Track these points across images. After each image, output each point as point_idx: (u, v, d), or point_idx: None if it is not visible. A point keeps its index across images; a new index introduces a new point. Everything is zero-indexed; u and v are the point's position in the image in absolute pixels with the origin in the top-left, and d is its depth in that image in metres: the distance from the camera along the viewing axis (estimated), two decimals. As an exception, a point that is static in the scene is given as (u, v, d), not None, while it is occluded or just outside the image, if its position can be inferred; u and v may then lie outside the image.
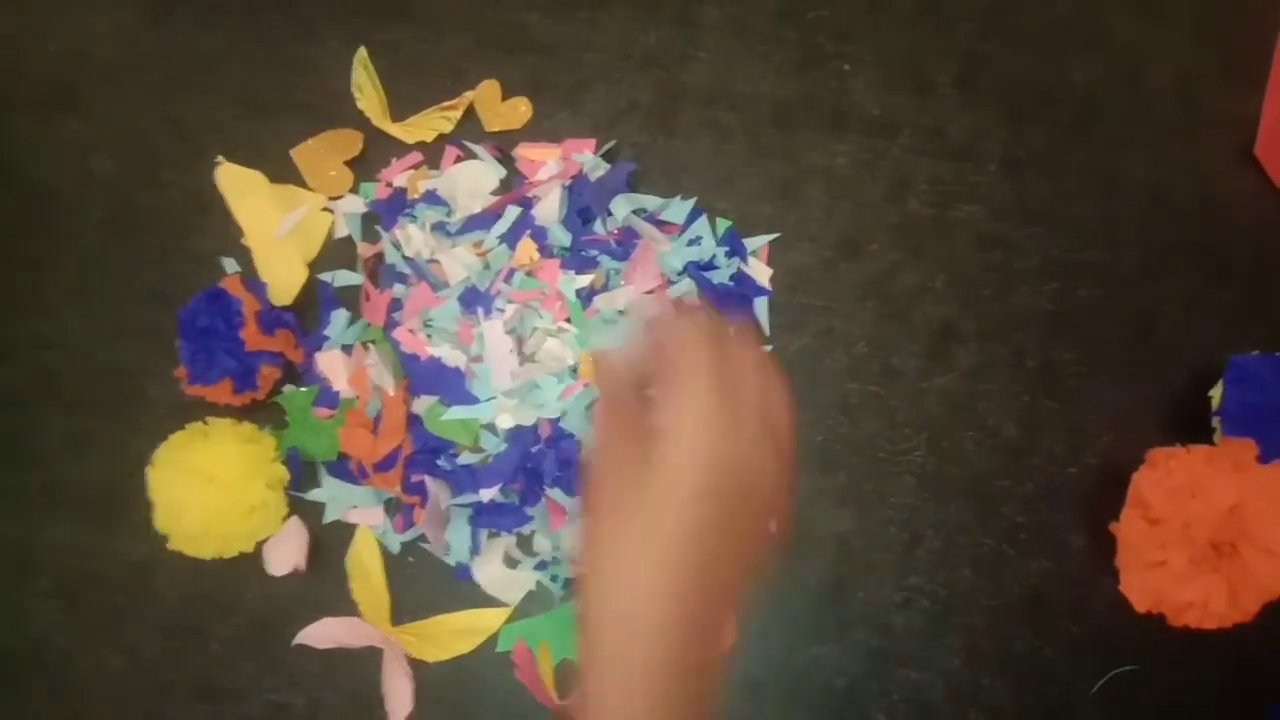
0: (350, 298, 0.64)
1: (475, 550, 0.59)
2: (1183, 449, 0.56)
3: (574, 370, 0.59)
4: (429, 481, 0.59)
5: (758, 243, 0.64)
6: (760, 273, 0.64)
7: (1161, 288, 0.63)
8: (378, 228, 0.64)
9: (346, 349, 0.62)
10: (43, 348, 0.65)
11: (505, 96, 0.66)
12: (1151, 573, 0.55)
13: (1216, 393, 0.59)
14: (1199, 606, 0.54)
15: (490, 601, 0.60)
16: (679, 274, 0.61)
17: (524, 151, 0.64)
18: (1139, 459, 0.56)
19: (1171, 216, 0.64)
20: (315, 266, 0.65)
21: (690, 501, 0.36)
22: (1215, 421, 0.59)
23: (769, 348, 0.63)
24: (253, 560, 0.60)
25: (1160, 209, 0.64)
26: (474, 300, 0.59)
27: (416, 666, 0.59)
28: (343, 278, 0.64)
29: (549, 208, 0.61)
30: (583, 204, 0.62)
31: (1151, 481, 0.55)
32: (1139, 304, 0.63)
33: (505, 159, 0.65)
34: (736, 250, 0.63)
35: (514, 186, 0.64)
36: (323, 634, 0.60)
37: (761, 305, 0.63)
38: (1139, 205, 0.65)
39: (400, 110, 0.67)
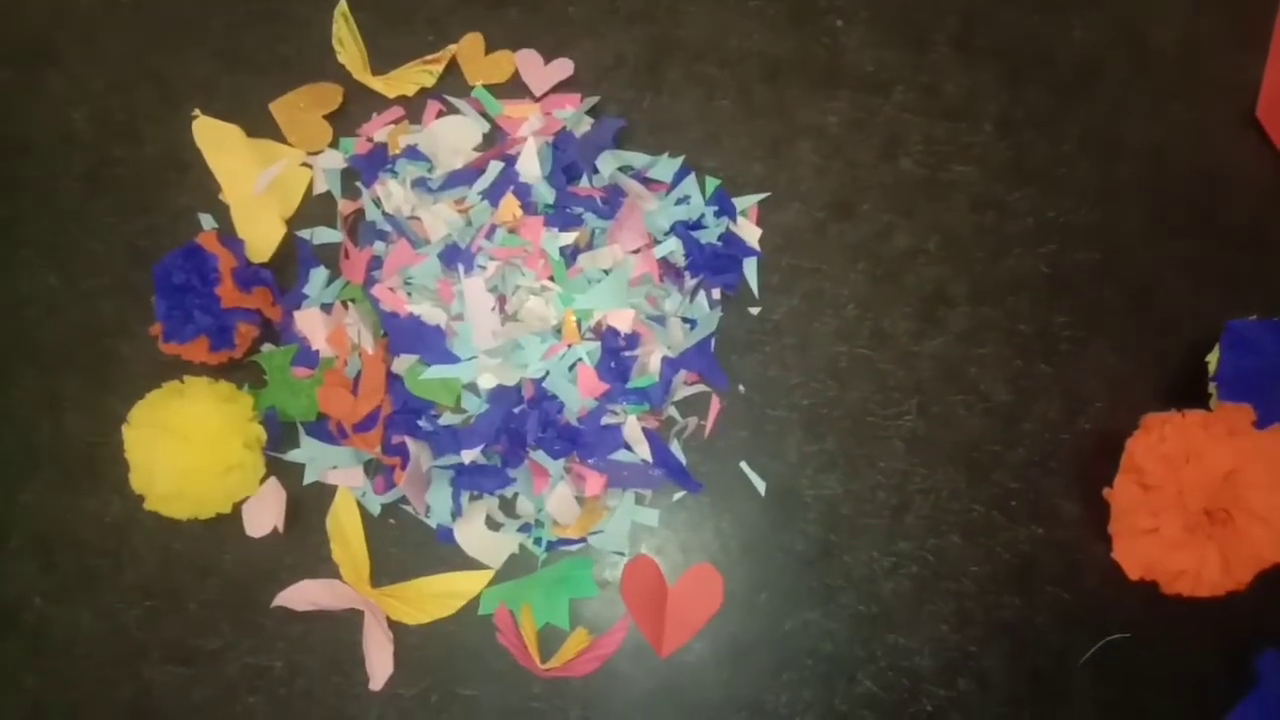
0: (329, 255, 0.63)
1: (457, 512, 0.58)
2: (1178, 414, 0.54)
3: (557, 330, 0.57)
4: (410, 442, 0.57)
5: (747, 202, 0.63)
6: (749, 233, 0.62)
7: (1160, 252, 0.62)
8: (358, 184, 0.63)
9: (325, 307, 0.61)
10: (18, 303, 0.64)
11: (489, 51, 0.65)
12: (1144, 540, 0.54)
13: (1213, 358, 0.58)
14: (1192, 574, 0.53)
15: (472, 564, 0.59)
16: (666, 233, 0.60)
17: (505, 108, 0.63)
18: (1134, 424, 0.55)
19: (1171, 180, 0.63)
20: (294, 223, 0.63)
21: None
22: (1211, 387, 0.57)
23: (757, 310, 0.62)
24: (231, 521, 0.59)
25: (1160, 172, 0.63)
26: (455, 257, 0.58)
27: (397, 629, 0.58)
28: (322, 234, 0.63)
29: (531, 163, 0.59)
30: (568, 160, 0.61)
31: (1146, 447, 0.54)
32: (1136, 268, 0.62)
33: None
34: (725, 210, 0.62)
35: (497, 142, 0.63)
36: (302, 596, 0.59)
37: (750, 266, 0.62)
38: (1138, 168, 0.63)
39: (381, 64, 0.65)
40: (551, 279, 0.58)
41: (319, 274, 0.62)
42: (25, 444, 0.63)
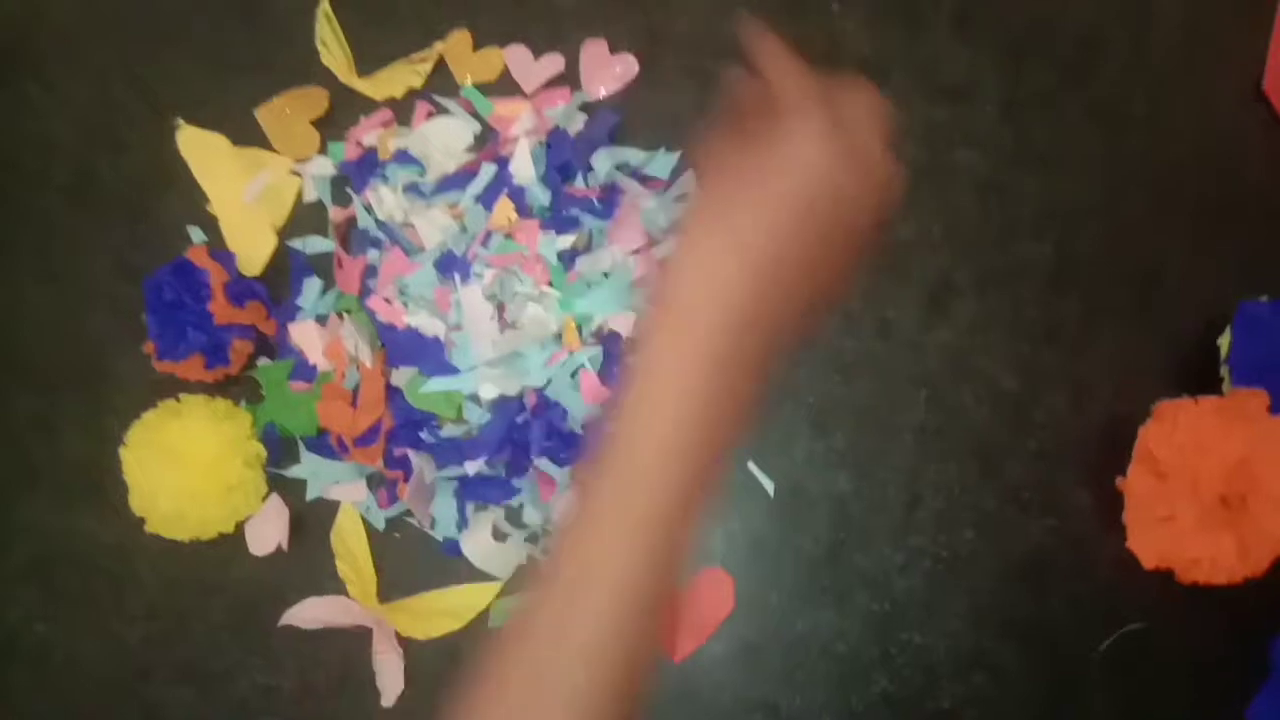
0: (323, 265, 0.62)
1: (463, 524, 0.58)
2: (1190, 401, 0.54)
3: (558, 336, 0.56)
4: (412, 455, 0.57)
5: (747, 196, 0.61)
6: (750, 228, 0.61)
7: (1167, 232, 0.61)
8: (348, 190, 0.61)
9: (321, 319, 0.60)
10: (6, 322, 0.63)
11: (477, 48, 0.63)
12: (1159, 528, 0.53)
13: (1225, 341, 0.57)
14: (1208, 562, 0.53)
15: (480, 576, 0.58)
16: (665, 232, 0.59)
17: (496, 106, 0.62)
18: (1145, 411, 0.54)
19: (1177, 158, 0.62)
20: (285, 233, 0.62)
21: (786, 214, 0.37)
22: (1224, 371, 0.57)
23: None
24: (234, 540, 0.58)
25: (1166, 150, 0.62)
26: (451, 265, 0.57)
27: (407, 645, 0.58)
28: (314, 244, 0.62)
29: (524, 165, 0.58)
30: (562, 160, 0.59)
31: (1158, 436, 0.53)
32: (1144, 250, 0.61)
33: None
34: (724, 205, 0.60)
35: (489, 142, 0.61)
36: (309, 614, 0.59)
37: (752, 261, 0.61)
38: (1144, 147, 0.62)
39: (368, 65, 0.63)
40: (550, 284, 0.56)
41: (313, 284, 0.61)
42: (21, 465, 0.62)
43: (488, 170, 0.58)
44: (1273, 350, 0.56)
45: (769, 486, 0.59)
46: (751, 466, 0.59)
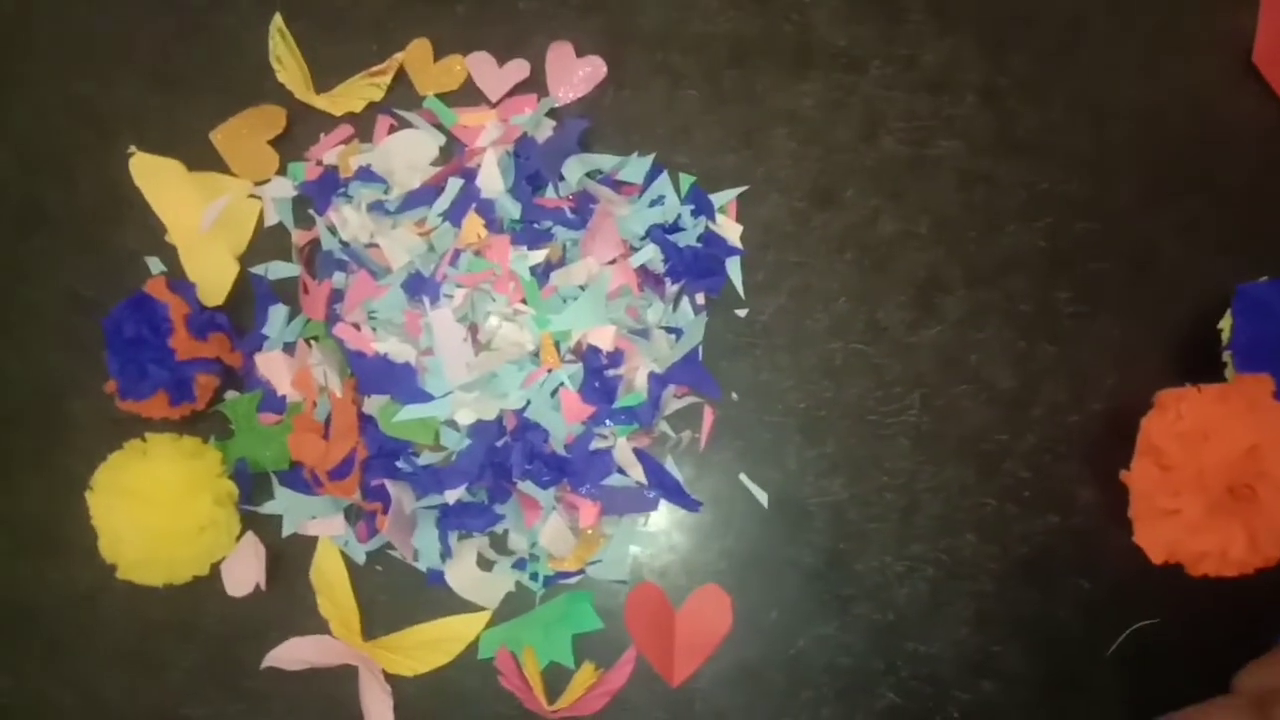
0: (288, 290, 0.59)
1: (446, 554, 0.55)
2: (1193, 389, 0.52)
3: (535, 355, 0.54)
4: (390, 485, 0.54)
5: (724, 198, 0.59)
6: (730, 230, 0.59)
7: (1160, 216, 0.59)
8: (310, 211, 0.59)
9: (288, 348, 0.58)
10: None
11: (438, 56, 0.61)
12: (1166, 522, 0.51)
13: (1226, 325, 0.55)
14: (1217, 554, 0.51)
15: (467, 606, 0.56)
16: (642, 239, 0.57)
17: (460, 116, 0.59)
18: (1147, 401, 0.52)
19: (1166, 139, 0.60)
20: (247, 260, 0.60)
21: None
22: (1226, 356, 0.55)
23: (744, 312, 0.58)
24: (210, 581, 0.56)
25: (1154, 132, 0.60)
26: (419, 287, 0.54)
27: (395, 681, 0.56)
28: (277, 269, 0.59)
29: (492, 176, 0.55)
30: (531, 169, 0.57)
31: (1161, 427, 0.51)
32: (1138, 235, 0.59)
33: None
34: (702, 208, 0.58)
35: (455, 154, 0.59)
36: (292, 654, 0.56)
37: (734, 265, 0.59)
38: (1131, 129, 0.60)
39: (325, 80, 0.61)
40: (524, 302, 0.54)
41: (278, 312, 0.58)
42: (-19, 515, 0.59)
43: (454, 185, 0.56)
44: (1274, 332, 0.54)
45: (762, 498, 0.57)
46: (743, 478, 0.57)
